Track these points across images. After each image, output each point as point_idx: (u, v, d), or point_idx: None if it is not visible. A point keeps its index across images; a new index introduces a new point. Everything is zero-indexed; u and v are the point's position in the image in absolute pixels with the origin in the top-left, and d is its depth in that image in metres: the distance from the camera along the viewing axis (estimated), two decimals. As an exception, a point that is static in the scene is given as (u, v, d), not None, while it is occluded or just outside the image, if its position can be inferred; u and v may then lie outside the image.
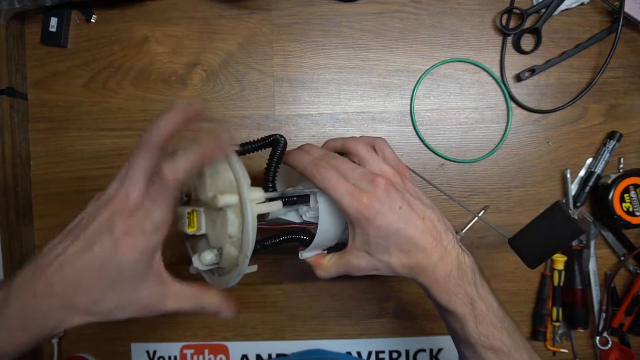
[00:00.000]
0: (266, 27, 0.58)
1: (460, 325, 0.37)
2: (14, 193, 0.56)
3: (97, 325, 0.59)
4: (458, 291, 0.36)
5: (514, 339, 0.37)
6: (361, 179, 0.37)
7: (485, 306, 0.37)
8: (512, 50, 0.57)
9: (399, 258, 0.37)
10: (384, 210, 0.36)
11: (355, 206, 0.35)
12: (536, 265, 0.42)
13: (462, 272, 0.37)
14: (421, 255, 0.37)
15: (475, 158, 0.58)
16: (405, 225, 0.36)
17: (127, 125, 0.58)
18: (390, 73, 0.58)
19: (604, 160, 0.56)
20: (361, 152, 0.39)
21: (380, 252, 0.37)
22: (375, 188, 0.36)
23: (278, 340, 0.60)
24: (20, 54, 0.57)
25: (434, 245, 0.37)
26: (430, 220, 0.37)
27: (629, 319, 0.56)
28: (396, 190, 0.37)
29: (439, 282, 0.37)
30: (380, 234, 0.36)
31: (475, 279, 0.37)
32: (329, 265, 0.40)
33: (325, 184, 0.37)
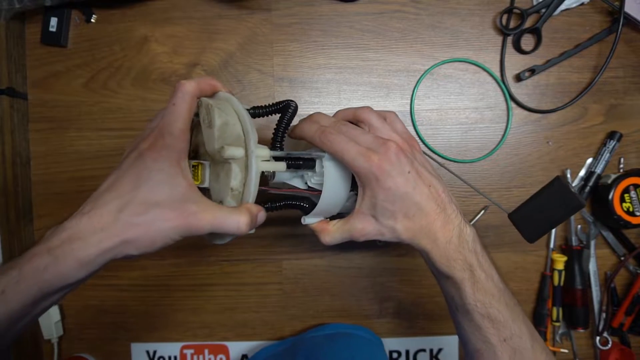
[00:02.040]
0: (266, 27, 0.58)
1: (457, 291, 0.37)
2: (14, 193, 0.56)
3: (97, 325, 0.60)
4: (457, 257, 0.37)
5: (512, 311, 0.37)
6: (372, 142, 0.37)
7: (485, 275, 0.37)
8: (512, 50, 0.57)
9: (404, 223, 0.37)
10: (394, 173, 0.36)
11: (367, 166, 0.36)
12: (535, 239, 0.42)
13: (463, 240, 0.37)
14: (424, 221, 0.37)
15: (475, 158, 0.58)
16: (413, 190, 0.36)
17: (127, 125, 0.58)
18: (390, 73, 0.58)
19: (604, 160, 0.56)
20: (372, 120, 0.40)
21: (386, 217, 0.37)
22: (387, 150, 0.36)
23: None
24: (20, 54, 0.57)
25: (438, 212, 0.37)
26: (435, 188, 0.38)
27: (629, 319, 0.56)
28: (405, 156, 0.37)
29: (439, 247, 0.37)
30: (388, 197, 0.36)
31: (476, 247, 0.38)
32: (334, 230, 0.40)
33: (335, 147, 0.37)
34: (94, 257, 0.30)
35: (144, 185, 0.31)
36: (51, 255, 0.29)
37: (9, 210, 0.55)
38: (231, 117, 0.36)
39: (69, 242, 0.30)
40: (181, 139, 0.33)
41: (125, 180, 0.32)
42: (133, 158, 0.33)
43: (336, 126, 0.38)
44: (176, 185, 0.32)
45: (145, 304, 0.60)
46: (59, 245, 0.30)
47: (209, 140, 0.36)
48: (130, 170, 0.32)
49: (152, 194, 0.31)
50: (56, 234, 0.30)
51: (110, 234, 0.30)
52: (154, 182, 0.32)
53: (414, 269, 0.59)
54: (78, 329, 0.61)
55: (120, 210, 0.31)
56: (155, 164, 0.32)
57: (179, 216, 0.32)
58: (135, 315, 0.60)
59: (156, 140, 0.33)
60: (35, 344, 0.59)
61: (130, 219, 0.31)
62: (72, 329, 0.60)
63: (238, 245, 0.59)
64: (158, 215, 0.31)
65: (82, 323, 0.60)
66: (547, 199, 0.42)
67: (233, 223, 0.33)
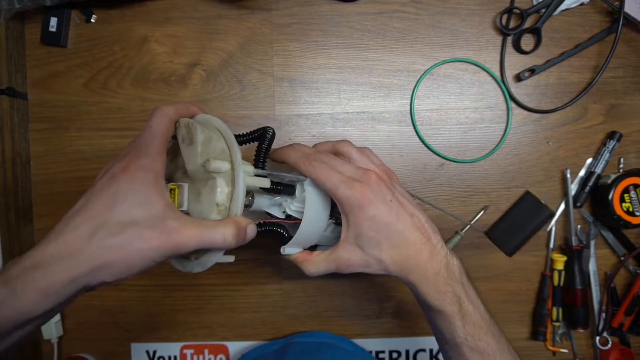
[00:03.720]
0: (266, 27, 0.58)
1: (448, 325, 0.37)
2: (14, 193, 0.56)
3: (97, 325, 0.60)
4: (447, 290, 0.37)
5: (499, 342, 0.37)
6: (354, 171, 0.37)
7: (473, 307, 0.37)
8: (512, 50, 0.57)
9: (390, 254, 0.37)
10: (377, 201, 0.36)
11: (349, 194, 0.36)
12: (514, 252, 0.43)
13: (451, 271, 0.37)
14: (411, 251, 0.37)
15: (475, 158, 0.58)
16: (396, 218, 0.37)
17: (127, 125, 0.58)
18: (390, 73, 0.58)
19: (604, 160, 0.56)
20: (351, 152, 0.40)
21: (372, 247, 0.37)
22: (368, 179, 0.37)
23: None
24: (20, 54, 0.57)
25: (424, 242, 0.37)
26: (418, 218, 0.38)
27: (629, 319, 0.56)
28: (386, 185, 0.37)
29: (428, 279, 0.37)
30: (372, 225, 0.36)
31: (462, 279, 0.38)
32: (318, 260, 0.39)
33: (318, 174, 0.37)
34: (59, 287, 0.27)
35: (119, 205, 0.29)
36: (8, 288, 0.26)
37: (9, 210, 0.55)
38: (214, 133, 0.36)
39: (30, 271, 0.27)
40: (158, 160, 0.32)
41: (99, 201, 0.30)
42: (107, 179, 0.30)
43: (319, 155, 0.38)
44: (154, 204, 0.30)
45: (145, 304, 0.60)
46: (18, 275, 0.27)
47: (190, 159, 0.36)
48: (104, 191, 0.30)
49: (128, 214, 0.29)
50: (18, 262, 0.27)
51: (80, 261, 0.28)
52: (130, 203, 0.29)
53: (414, 269, 0.59)
54: (78, 329, 0.61)
55: (93, 234, 0.28)
56: (131, 185, 0.30)
57: (159, 235, 0.29)
58: (135, 315, 0.60)
59: (131, 161, 0.31)
60: (35, 344, 0.59)
61: (103, 242, 0.28)
62: (72, 329, 0.60)
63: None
64: (135, 235, 0.29)
65: (82, 323, 0.60)
66: (520, 213, 0.44)
67: (218, 235, 0.32)
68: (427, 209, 0.58)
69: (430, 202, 0.58)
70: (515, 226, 0.42)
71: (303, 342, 0.57)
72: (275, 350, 0.56)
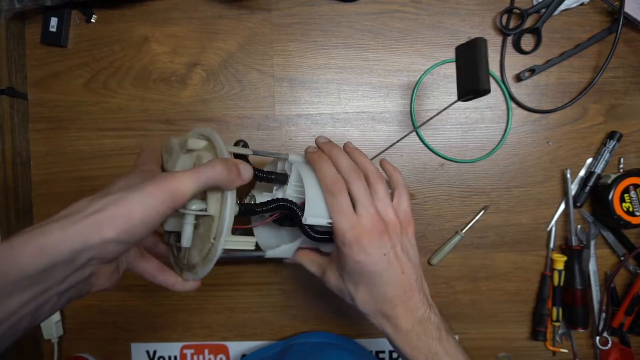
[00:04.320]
0: (266, 27, 0.58)
1: None
2: (14, 193, 0.56)
3: (97, 325, 0.60)
4: (421, 346, 0.37)
5: None
6: (364, 214, 0.38)
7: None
8: (512, 50, 0.57)
9: (364, 297, 0.39)
10: (370, 250, 0.37)
11: (349, 235, 0.37)
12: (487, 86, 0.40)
13: (426, 328, 0.38)
14: (386, 305, 0.38)
15: (475, 158, 0.58)
16: (383, 271, 0.38)
17: (127, 125, 0.58)
18: (390, 73, 0.58)
19: (604, 160, 0.56)
20: (379, 191, 0.40)
21: (350, 282, 0.39)
22: (373, 228, 0.37)
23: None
24: (20, 54, 0.57)
25: (402, 300, 0.38)
26: (408, 275, 0.39)
27: (629, 319, 0.56)
28: (389, 238, 0.38)
29: (401, 334, 0.38)
30: (357, 268, 0.38)
31: (440, 335, 0.38)
32: (312, 259, 0.43)
33: (335, 203, 0.38)
34: (57, 242, 0.26)
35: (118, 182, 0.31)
36: (7, 244, 0.25)
37: (9, 210, 0.55)
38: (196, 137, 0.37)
39: (29, 231, 0.26)
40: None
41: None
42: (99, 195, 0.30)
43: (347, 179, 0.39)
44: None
45: (146, 304, 0.60)
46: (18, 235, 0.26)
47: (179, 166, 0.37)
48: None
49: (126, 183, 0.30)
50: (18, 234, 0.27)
51: (77, 218, 0.26)
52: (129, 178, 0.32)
53: (414, 269, 0.59)
54: (78, 329, 0.61)
55: (93, 198, 0.28)
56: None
57: (155, 182, 0.28)
58: (135, 315, 0.60)
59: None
60: (35, 344, 0.59)
61: (102, 200, 0.27)
62: (72, 329, 0.60)
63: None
64: (133, 189, 0.28)
65: (82, 323, 0.60)
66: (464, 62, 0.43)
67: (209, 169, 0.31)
68: (426, 209, 0.58)
69: (426, 203, 0.58)
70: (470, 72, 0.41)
71: (304, 343, 0.57)
72: (277, 353, 0.56)
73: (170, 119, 0.58)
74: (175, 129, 0.58)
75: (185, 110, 0.58)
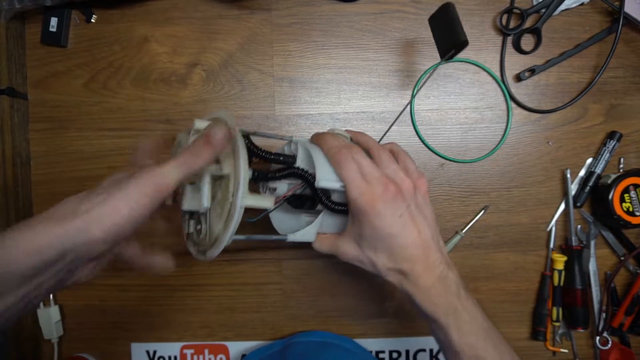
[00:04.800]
0: (266, 27, 0.58)
1: (444, 334, 0.38)
2: (14, 193, 0.56)
3: (97, 325, 0.60)
4: (441, 302, 0.38)
5: (500, 351, 0.38)
6: (375, 178, 0.38)
7: (470, 317, 0.38)
8: (512, 50, 0.57)
9: (384, 261, 0.38)
10: (385, 213, 0.37)
11: (361, 201, 0.37)
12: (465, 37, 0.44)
13: (446, 285, 0.38)
14: (406, 265, 0.38)
15: (475, 158, 0.58)
16: (400, 232, 0.38)
17: (127, 125, 0.58)
18: (390, 73, 0.58)
19: (604, 160, 0.56)
20: (383, 157, 0.41)
21: (369, 249, 0.39)
22: (385, 191, 0.37)
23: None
24: (20, 54, 0.57)
25: (421, 259, 0.38)
26: (425, 234, 0.39)
27: (629, 319, 0.56)
28: (403, 198, 0.38)
29: (421, 291, 0.38)
30: (374, 234, 0.38)
31: (459, 292, 0.39)
32: (325, 240, 0.42)
33: (342, 170, 0.38)
34: (49, 242, 0.27)
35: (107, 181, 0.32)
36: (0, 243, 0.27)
37: (9, 210, 0.55)
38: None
39: (19, 230, 0.28)
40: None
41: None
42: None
43: (352, 150, 0.39)
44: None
45: (145, 304, 0.60)
46: (7, 234, 0.27)
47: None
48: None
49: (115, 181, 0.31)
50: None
51: (68, 218, 0.28)
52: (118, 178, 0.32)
53: (414, 269, 0.59)
54: (78, 329, 0.61)
55: (83, 197, 0.29)
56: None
57: (137, 177, 0.30)
58: (135, 315, 0.60)
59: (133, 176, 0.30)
60: (35, 344, 0.59)
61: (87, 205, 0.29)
62: (72, 329, 0.60)
63: (238, 245, 0.59)
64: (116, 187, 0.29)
65: (82, 323, 0.60)
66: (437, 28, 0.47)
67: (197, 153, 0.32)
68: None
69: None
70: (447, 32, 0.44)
71: (304, 342, 0.57)
72: (276, 352, 0.56)
73: (170, 119, 0.58)
74: (175, 129, 0.58)
75: (185, 110, 0.58)
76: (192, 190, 0.37)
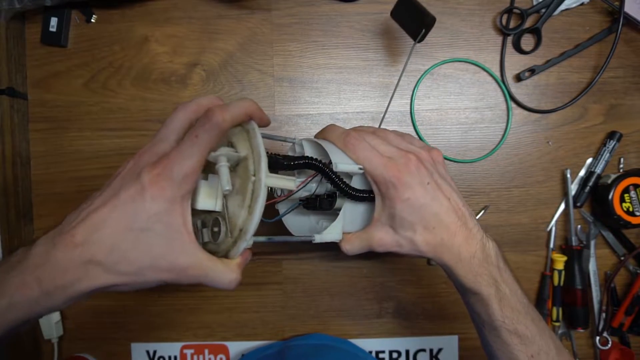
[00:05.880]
0: (266, 27, 0.58)
1: (485, 308, 0.36)
2: (14, 193, 0.56)
3: (97, 325, 0.60)
4: (482, 272, 0.36)
5: (538, 326, 0.37)
6: (393, 152, 0.37)
7: (510, 290, 0.37)
8: (512, 50, 0.57)
9: (423, 235, 0.37)
10: (413, 184, 0.36)
11: (387, 176, 0.36)
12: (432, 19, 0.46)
13: (487, 254, 0.37)
14: (445, 234, 0.36)
15: (475, 158, 0.58)
16: (432, 201, 0.36)
17: (127, 125, 0.58)
18: (390, 73, 0.58)
19: (604, 160, 0.56)
20: (389, 135, 0.40)
21: (405, 228, 0.37)
22: (407, 161, 0.36)
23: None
24: (20, 54, 0.57)
25: (459, 226, 0.37)
26: (455, 201, 0.38)
27: (629, 319, 0.56)
28: (425, 167, 0.37)
29: (463, 262, 0.36)
30: (406, 207, 0.36)
31: (499, 263, 0.37)
32: (354, 238, 0.39)
33: (357, 152, 0.37)
34: (84, 294, 0.29)
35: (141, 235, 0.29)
36: (42, 290, 0.28)
37: (9, 210, 0.55)
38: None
39: (61, 277, 0.28)
40: (191, 180, 0.29)
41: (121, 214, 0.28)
42: (134, 190, 0.28)
43: (360, 133, 0.38)
44: (174, 240, 0.29)
45: (145, 304, 0.60)
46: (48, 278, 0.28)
47: None
48: (128, 205, 0.28)
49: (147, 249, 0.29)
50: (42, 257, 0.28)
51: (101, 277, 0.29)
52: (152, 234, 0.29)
53: (413, 269, 0.59)
54: (78, 329, 0.61)
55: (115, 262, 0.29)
56: (155, 205, 0.28)
57: (168, 272, 0.30)
58: (135, 315, 0.60)
59: (162, 175, 0.28)
60: (35, 344, 0.59)
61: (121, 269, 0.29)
62: (72, 329, 0.60)
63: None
64: (148, 272, 0.30)
65: (82, 323, 0.60)
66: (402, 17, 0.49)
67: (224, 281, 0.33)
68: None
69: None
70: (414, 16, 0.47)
71: (301, 344, 0.57)
72: (273, 354, 0.56)
73: (170, 119, 0.58)
74: (175, 129, 0.58)
75: (185, 110, 0.58)
76: (205, 185, 0.34)
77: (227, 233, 0.34)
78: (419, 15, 0.46)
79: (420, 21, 0.46)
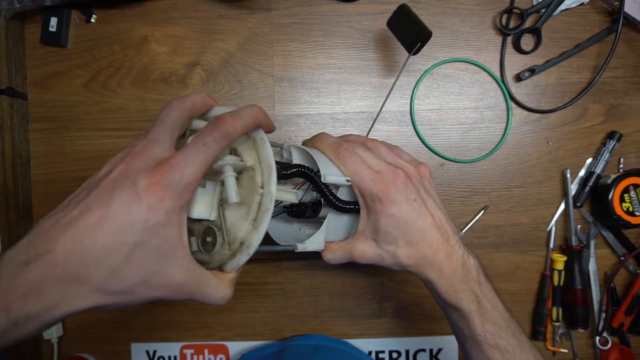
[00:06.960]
0: (266, 27, 0.58)
1: (466, 323, 0.37)
2: (14, 193, 0.56)
3: (97, 325, 0.60)
4: (463, 288, 0.37)
5: (519, 340, 0.37)
6: (382, 167, 0.38)
7: (491, 305, 0.37)
8: (512, 50, 0.57)
9: (406, 250, 0.37)
10: (400, 200, 0.36)
11: (375, 190, 0.36)
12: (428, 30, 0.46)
13: (467, 270, 0.38)
14: (428, 250, 0.37)
15: (475, 158, 0.58)
16: (417, 217, 0.37)
17: (127, 125, 0.58)
18: (390, 73, 0.58)
19: (604, 160, 0.56)
20: (381, 148, 0.40)
21: (388, 242, 0.38)
22: (395, 177, 0.37)
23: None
24: (20, 54, 0.57)
25: (441, 242, 0.37)
26: (439, 218, 0.38)
27: (629, 319, 0.56)
28: (413, 183, 0.38)
29: (444, 277, 0.37)
30: (391, 222, 0.37)
31: (480, 278, 0.38)
32: (336, 248, 0.40)
33: (347, 164, 0.38)
34: (61, 318, 0.25)
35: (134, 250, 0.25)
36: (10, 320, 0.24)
37: (9, 210, 0.55)
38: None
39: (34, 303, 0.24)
40: (192, 190, 0.27)
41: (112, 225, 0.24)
42: (128, 198, 0.24)
43: (350, 145, 0.39)
44: (170, 254, 0.26)
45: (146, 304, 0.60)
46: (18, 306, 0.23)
47: None
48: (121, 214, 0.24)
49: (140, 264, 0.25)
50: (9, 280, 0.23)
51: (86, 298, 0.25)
52: (146, 248, 0.25)
53: (414, 269, 0.59)
54: (78, 329, 0.61)
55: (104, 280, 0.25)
56: (153, 216, 0.25)
57: (162, 289, 0.27)
58: (135, 315, 0.60)
59: (160, 184, 0.25)
60: (35, 344, 0.59)
61: (110, 288, 0.25)
62: (72, 329, 0.60)
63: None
64: (141, 290, 0.26)
65: (82, 323, 0.60)
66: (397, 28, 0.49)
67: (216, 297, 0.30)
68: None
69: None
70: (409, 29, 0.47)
71: (300, 345, 0.57)
72: (272, 354, 0.56)
73: (170, 119, 0.58)
74: (175, 129, 0.58)
75: (185, 110, 0.58)
76: (202, 193, 0.31)
77: (225, 245, 0.32)
78: (416, 27, 0.46)
79: (416, 34, 0.46)
